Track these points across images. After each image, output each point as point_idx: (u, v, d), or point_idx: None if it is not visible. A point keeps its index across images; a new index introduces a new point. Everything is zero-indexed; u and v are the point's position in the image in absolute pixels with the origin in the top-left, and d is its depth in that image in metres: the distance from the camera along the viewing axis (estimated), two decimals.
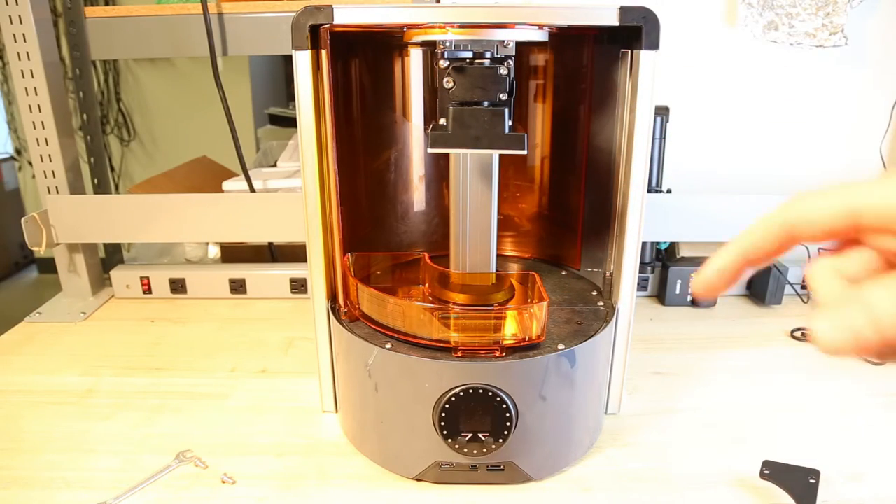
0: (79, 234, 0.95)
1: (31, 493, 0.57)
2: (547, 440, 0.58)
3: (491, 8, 0.54)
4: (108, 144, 2.63)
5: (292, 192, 1.00)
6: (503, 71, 0.56)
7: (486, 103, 0.57)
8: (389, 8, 0.54)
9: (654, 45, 0.56)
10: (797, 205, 0.28)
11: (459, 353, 0.55)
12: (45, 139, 0.91)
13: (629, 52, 0.58)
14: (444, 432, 0.55)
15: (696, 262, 0.98)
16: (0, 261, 2.93)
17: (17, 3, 0.85)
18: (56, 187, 0.93)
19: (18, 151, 2.87)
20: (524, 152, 0.53)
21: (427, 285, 0.66)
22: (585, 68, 0.70)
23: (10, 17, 0.85)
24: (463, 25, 0.55)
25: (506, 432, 0.55)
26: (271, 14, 0.91)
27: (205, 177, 1.22)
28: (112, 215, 0.93)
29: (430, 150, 0.55)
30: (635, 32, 0.56)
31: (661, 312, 0.96)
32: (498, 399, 0.54)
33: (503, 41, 0.55)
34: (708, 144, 1.01)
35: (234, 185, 1.05)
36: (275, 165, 1.21)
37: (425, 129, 0.75)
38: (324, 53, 0.56)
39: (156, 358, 0.82)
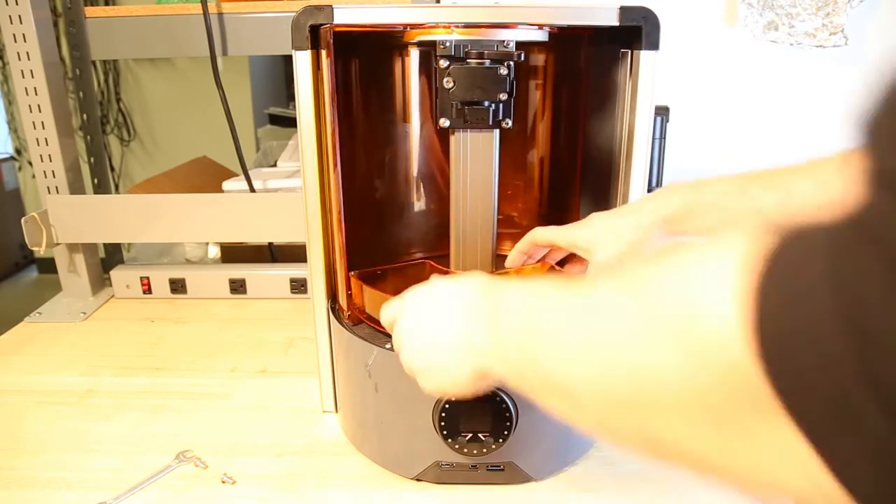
0: (79, 234, 0.95)
1: (31, 493, 0.57)
2: (547, 440, 0.58)
3: (491, 8, 0.55)
4: (108, 144, 2.63)
5: (292, 192, 1.00)
6: (503, 71, 0.56)
7: (486, 103, 0.57)
8: (389, 8, 0.54)
9: (654, 45, 0.56)
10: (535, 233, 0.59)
11: None
12: (45, 139, 0.91)
13: (629, 52, 0.58)
14: (444, 432, 0.55)
15: None
16: (0, 261, 2.93)
17: (17, 3, 0.85)
18: (56, 187, 0.93)
19: (18, 151, 2.87)
20: None
21: None
22: (583, 68, 0.70)
23: (10, 17, 0.85)
24: (463, 25, 0.55)
25: (506, 432, 0.55)
26: (271, 14, 0.91)
27: (205, 177, 1.22)
28: (112, 215, 0.93)
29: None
30: (635, 32, 0.56)
31: None
32: (498, 399, 0.54)
33: (503, 41, 0.55)
34: (708, 144, 1.01)
35: (234, 185, 1.04)
36: (275, 165, 1.21)
37: (426, 128, 0.75)
38: (324, 53, 0.56)
39: (156, 358, 0.82)
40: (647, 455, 0.28)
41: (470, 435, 0.55)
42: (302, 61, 0.57)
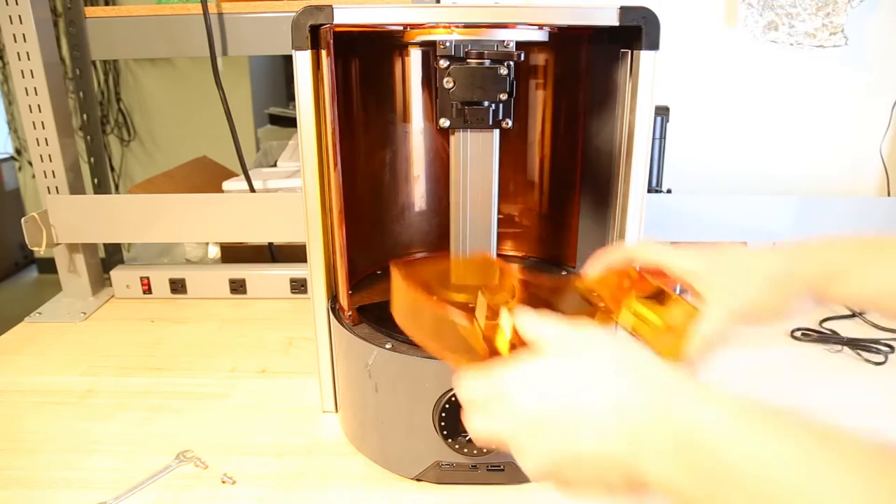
0: (79, 234, 0.95)
1: (31, 493, 0.57)
2: None
3: (491, 8, 0.55)
4: (108, 144, 2.62)
5: (292, 192, 1.00)
6: (503, 71, 0.56)
7: (486, 103, 0.57)
8: (389, 8, 0.54)
9: (654, 45, 0.56)
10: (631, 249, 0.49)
11: None
12: (45, 139, 0.91)
13: (629, 52, 0.58)
14: (444, 432, 0.55)
15: None
16: (0, 261, 2.93)
17: (17, 3, 0.85)
18: (56, 187, 0.93)
19: (18, 151, 2.87)
20: None
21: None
22: (583, 68, 0.70)
23: (10, 17, 0.85)
24: (463, 25, 0.55)
25: None
26: (271, 14, 0.91)
27: (205, 177, 1.22)
28: (112, 215, 0.93)
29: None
30: (635, 32, 0.56)
31: None
32: None
33: (503, 41, 0.55)
34: (708, 144, 1.01)
35: (234, 185, 1.04)
36: (275, 165, 1.21)
37: (426, 128, 0.75)
38: (324, 53, 0.56)
39: (156, 358, 0.82)
40: None
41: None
42: (302, 61, 0.57)
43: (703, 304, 0.44)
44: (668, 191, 0.95)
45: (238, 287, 1.00)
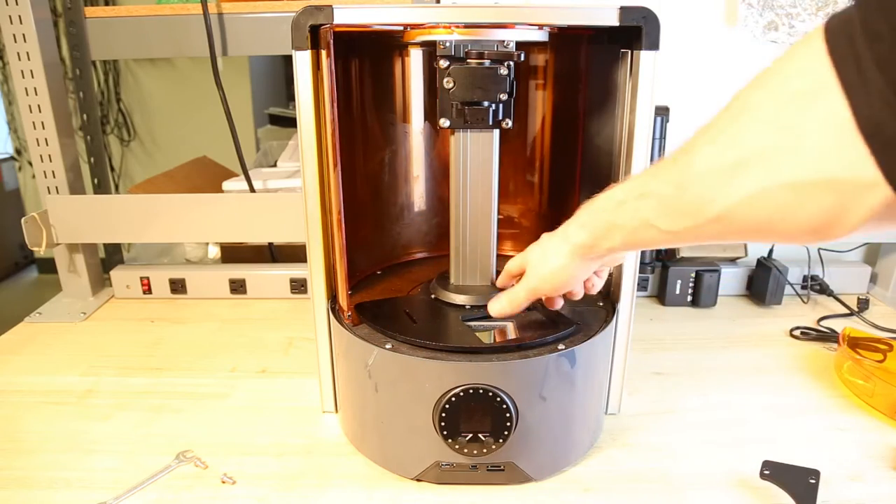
0: (79, 234, 0.95)
1: (31, 493, 0.57)
2: (547, 440, 0.58)
3: (491, 8, 0.55)
4: (108, 144, 2.63)
5: (292, 192, 1.00)
6: (503, 71, 0.56)
7: (486, 103, 0.57)
8: (389, 8, 0.54)
9: (654, 45, 0.56)
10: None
11: None
12: (45, 139, 0.91)
13: (629, 52, 0.58)
14: (444, 432, 0.55)
15: (696, 262, 0.98)
16: (0, 261, 2.93)
17: (17, 3, 0.85)
18: (56, 187, 0.93)
19: (18, 151, 2.87)
20: None
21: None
22: (583, 68, 0.70)
23: (10, 17, 0.85)
24: (463, 25, 0.55)
25: (506, 432, 0.55)
26: (271, 14, 0.91)
27: (205, 177, 1.22)
28: (112, 215, 0.93)
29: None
30: (635, 32, 0.56)
31: (661, 312, 0.96)
32: (498, 399, 0.54)
33: (503, 41, 0.55)
34: None
35: (234, 185, 1.04)
36: (275, 165, 1.21)
37: (426, 128, 0.75)
38: (324, 53, 0.56)
39: (156, 358, 0.82)
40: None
41: (470, 435, 0.55)
42: (302, 61, 0.57)
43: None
44: None
45: (238, 287, 1.00)
